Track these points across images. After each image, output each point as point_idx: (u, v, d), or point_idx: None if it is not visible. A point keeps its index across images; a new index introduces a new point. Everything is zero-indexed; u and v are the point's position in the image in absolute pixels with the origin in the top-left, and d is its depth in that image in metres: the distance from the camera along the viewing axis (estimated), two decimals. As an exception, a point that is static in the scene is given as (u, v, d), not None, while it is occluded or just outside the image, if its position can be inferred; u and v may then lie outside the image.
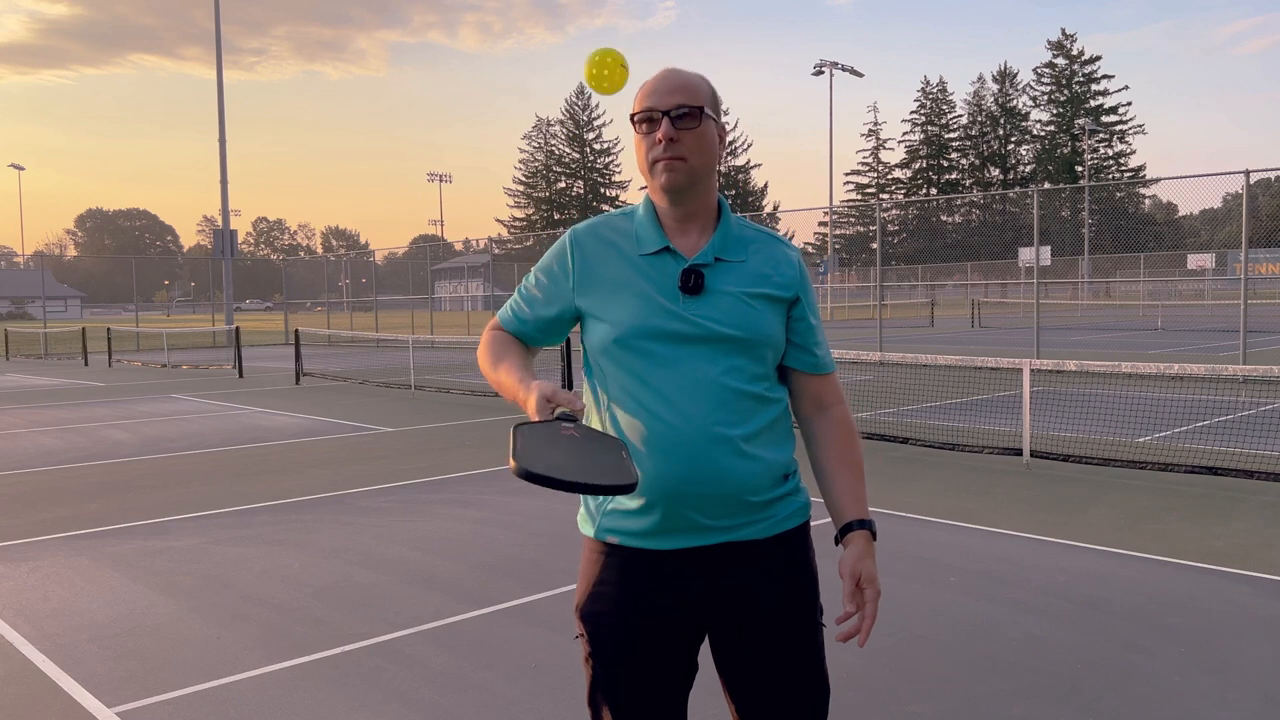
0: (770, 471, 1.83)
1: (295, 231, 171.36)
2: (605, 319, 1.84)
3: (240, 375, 19.45)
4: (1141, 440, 9.03)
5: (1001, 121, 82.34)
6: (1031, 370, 8.22)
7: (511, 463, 1.50)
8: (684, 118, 1.80)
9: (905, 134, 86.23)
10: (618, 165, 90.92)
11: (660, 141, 1.79)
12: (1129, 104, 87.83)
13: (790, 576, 1.87)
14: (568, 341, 12.76)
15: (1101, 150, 77.43)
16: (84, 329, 26.34)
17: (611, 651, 1.85)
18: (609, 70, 1.92)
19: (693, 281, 1.80)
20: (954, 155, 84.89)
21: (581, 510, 1.95)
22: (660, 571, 1.83)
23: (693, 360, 1.78)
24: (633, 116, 1.84)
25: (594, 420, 1.91)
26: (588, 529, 1.93)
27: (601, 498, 1.88)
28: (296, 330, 18.86)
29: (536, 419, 1.62)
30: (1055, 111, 79.50)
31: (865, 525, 1.86)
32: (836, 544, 1.90)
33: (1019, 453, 8.04)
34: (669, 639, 1.85)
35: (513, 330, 1.98)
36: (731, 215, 1.91)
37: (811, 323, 1.92)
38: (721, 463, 1.77)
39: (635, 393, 1.80)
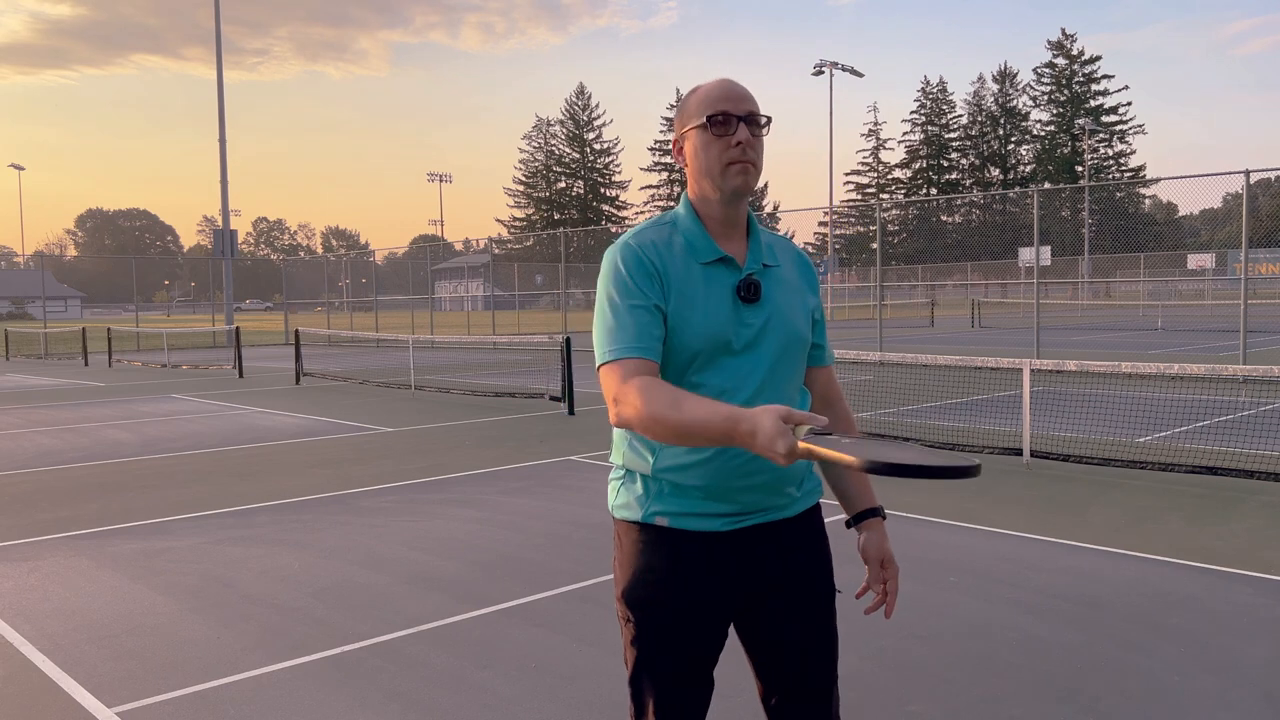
0: None
1: (295, 231, 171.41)
2: (678, 328, 1.87)
3: (240, 375, 19.45)
4: (1141, 440, 9.03)
5: (1001, 121, 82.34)
6: (1031, 370, 8.22)
7: (854, 460, 1.42)
8: (755, 124, 1.90)
9: (905, 134, 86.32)
10: (618, 165, 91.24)
11: (737, 145, 1.87)
12: (1129, 104, 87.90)
13: (817, 545, 2.04)
14: (568, 341, 12.75)
15: (1101, 150, 77.43)
16: (84, 329, 26.32)
17: (659, 634, 1.93)
18: None
19: (751, 291, 1.90)
20: (954, 155, 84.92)
21: (621, 498, 1.98)
22: (715, 551, 1.92)
23: (752, 365, 1.89)
24: (709, 119, 1.88)
25: None
26: (629, 514, 1.96)
27: (658, 483, 1.92)
28: (296, 330, 18.87)
29: (778, 444, 1.51)
30: (1055, 111, 79.50)
31: (880, 511, 2.09)
32: (848, 527, 2.11)
33: (1019, 453, 8.04)
34: (714, 616, 1.94)
35: (657, 356, 1.83)
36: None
37: (821, 318, 2.10)
38: None
39: (703, 395, 1.86)
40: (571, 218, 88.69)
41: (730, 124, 1.88)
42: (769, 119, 1.92)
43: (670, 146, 2.07)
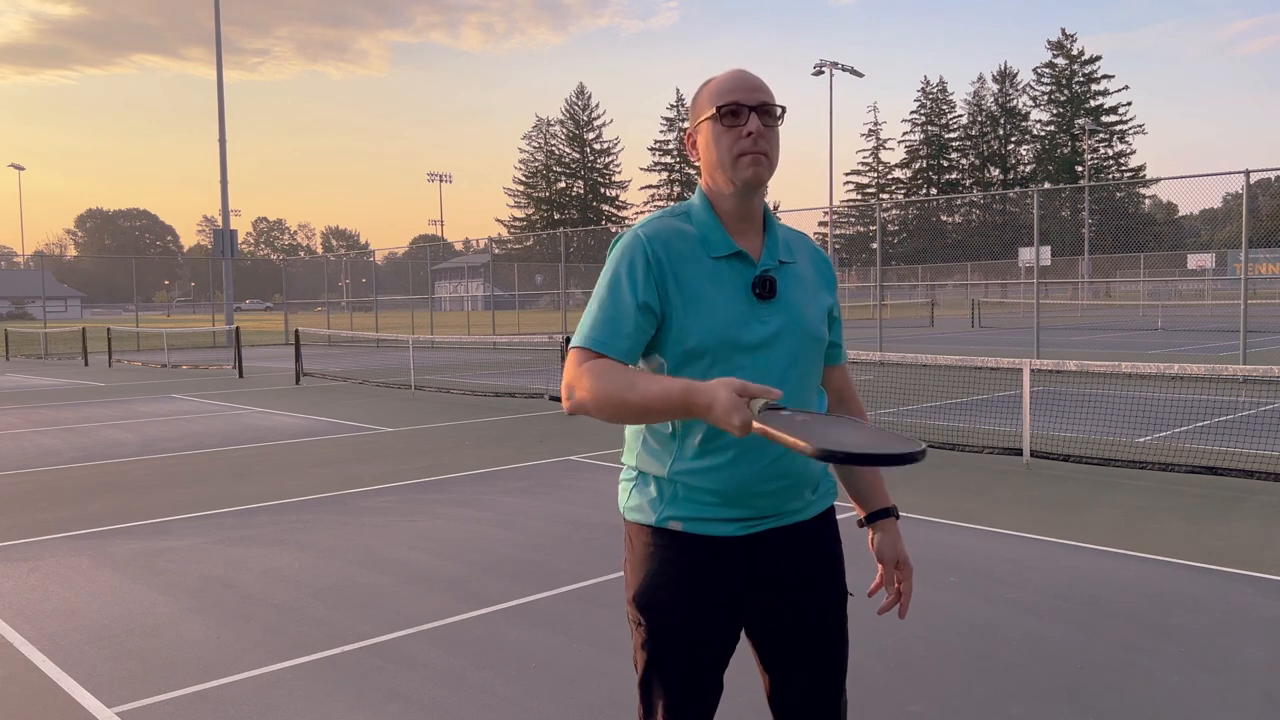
0: None
1: (295, 231, 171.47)
2: (685, 326, 1.82)
3: (240, 375, 19.45)
4: (1141, 440, 9.03)
5: (1001, 121, 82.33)
6: (1031, 370, 8.22)
7: (806, 445, 1.43)
8: (769, 115, 1.85)
9: (905, 134, 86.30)
10: (618, 165, 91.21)
11: (748, 135, 1.83)
12: (1129, 104, 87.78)
13: (831, 548, 2.02)
14: (568, 340, 12.75)
15: (1101, 150, 77.44)
16: (84, 329, 26.31)
17: (670, 638, 1.91)
18: None
19: (766, 288, 1.86)
20: (954, 155, 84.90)
21: (633, 500, 1.94)
22: (728, 556, 1.89)
23: (768, 365, 1.84)
24: (719, 109, 1.84)
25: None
26: (641, 518, 1.93)
27: (672, 487, 1.89)
28: (296, 330, 18.86)
29: (733, 418, 1.54)
30: (1055, 111, 79.50)
31: (893, 511, 2.08)
32: (861, 526, 2.11)
33: (1019, 453, 8.04)
34: (726, 622, 1.92)
35: (622, 355, 1.78)
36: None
37: (838, 316, 2.04)
38: (798, 459, 1.87)
39: None
40: (571, 218, 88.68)
41: (741, 114, 1.83)
42: (783, 109, 1.87)
43: (671, 146, 2.04)
